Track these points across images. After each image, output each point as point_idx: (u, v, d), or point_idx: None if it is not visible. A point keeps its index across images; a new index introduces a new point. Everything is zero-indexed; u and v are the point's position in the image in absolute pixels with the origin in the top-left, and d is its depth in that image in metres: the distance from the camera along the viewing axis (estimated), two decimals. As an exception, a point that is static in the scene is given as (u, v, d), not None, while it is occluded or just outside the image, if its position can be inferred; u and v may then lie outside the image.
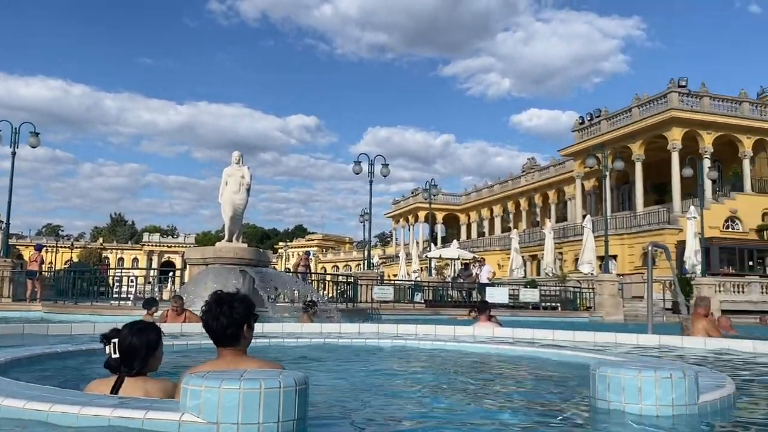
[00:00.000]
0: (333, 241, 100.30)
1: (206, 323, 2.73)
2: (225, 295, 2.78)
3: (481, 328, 8.00)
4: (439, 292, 23.17)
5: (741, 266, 29.43)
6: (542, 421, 2.96)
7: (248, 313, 2.75)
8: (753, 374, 5.06)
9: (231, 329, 2.68)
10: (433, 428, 2.78)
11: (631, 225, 34.02)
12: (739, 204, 32.95)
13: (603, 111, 38.50)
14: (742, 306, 24.96)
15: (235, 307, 2.70)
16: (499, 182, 58.85)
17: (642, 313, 19.05)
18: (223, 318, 2.67)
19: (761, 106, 35.18)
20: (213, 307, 2.71)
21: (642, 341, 7.01)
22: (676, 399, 2.69)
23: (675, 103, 32.85)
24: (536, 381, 4.46)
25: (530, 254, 41.94)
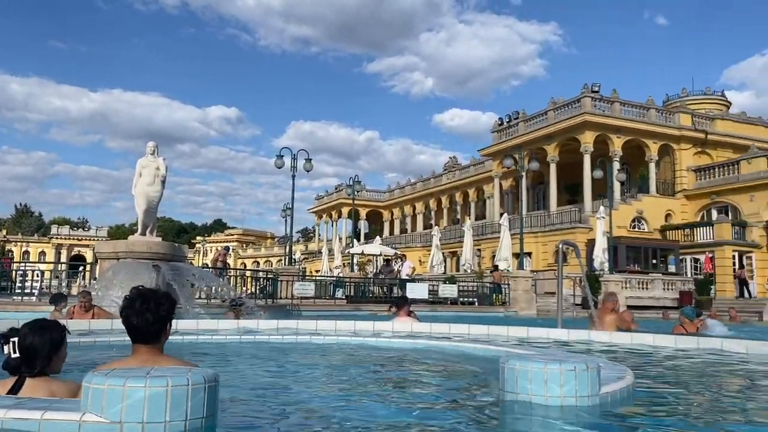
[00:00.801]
0: (254, 236, 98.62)
1: (128, 319, 2.63)
2: (149, 291, 2.70)
3: (400, 323, 8.07)
4: (360, 287, 23.26)
5: (645, 264, 31.14)
6: (452, 413, 3.03)
7: (172, 309, 2.70)
8: (652, 365, 5.38)
9: (156, 326, 2.62)
10: (343, 422, 2.78)
11: (546, 223, 35.32)
12: (645, 205, 34.87)
13: (521, 113, 39.75)
14: (646, 302, 26.46)
15: (162, 303, 2.65)
16: (422, 180, 59.66)
17: (554, 308, 19.81)
18: (149, 314, 2.60)
19: (666, 113, 37.35)
20: (137, 303, 2.62)
21: (552, 335, 7.29)
22: (579, 390, 2.81)
23: (588, 107, 34.35)
24: (449, 374, 4.55)
25: (450, 251, 42.77)
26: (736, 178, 33.71)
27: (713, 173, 35.49)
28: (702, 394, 4.00)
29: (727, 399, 3.82)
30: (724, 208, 34.34)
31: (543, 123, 37.47)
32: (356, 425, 2.74)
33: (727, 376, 4.88)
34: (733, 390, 4.21)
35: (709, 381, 4.66)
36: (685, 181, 36.19)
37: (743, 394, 4.05)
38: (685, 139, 36.38)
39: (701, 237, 32.60)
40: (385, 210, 65.00)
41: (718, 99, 44.10)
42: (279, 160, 25.33)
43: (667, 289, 28.27)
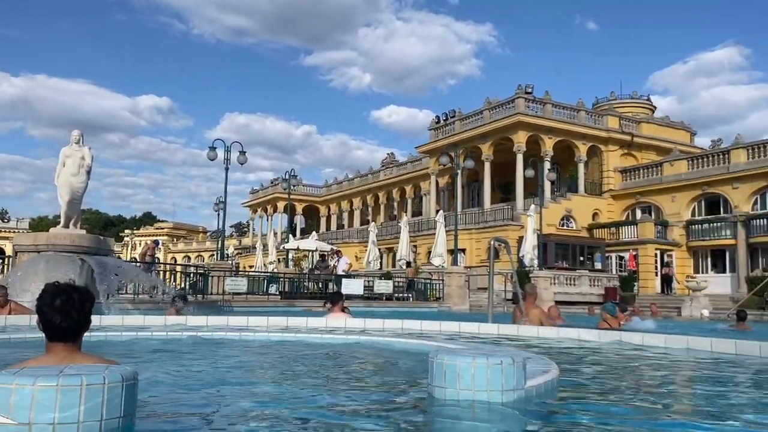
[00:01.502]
0: (185, 230, 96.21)
1: (48, 316, 2.48)
2: (70, 287, 2.57)
3: (334, 319, 8.04)
4: (295, 283, 23.05)
5: (573, 261, 32.23)
6: (380, 408, 3.02)
7: (92, 306, 2.60)
8: (576, 359, 5.55)
9: (80, 323, 2.52)
10: (270, 419, 2.73)
11: (479, 221, 36.01)
12: (574, 204, 36.08)
13: (457, 112, 40.35)
14: (573, 297, 27.38)
15: (86, 300, 2.55)
16: (360, 176, 59.70)
17: (486, 303, 20.26)
18: (73, 312, 2.48)
19: (595, 115, 38.72)
20: (58, 300, 2.48)
21: (483, 330, 7.42)
22: (505, 384, 2.86)
23: (521, 108, 35.21)
24: (380, 369, 4.56)
25: (387, 247, 42.99)
26: (659, 179, 35.32)
27: (638, 174, 37.07)
28: (623, 386, 4.15)
29: (647, 390, 3.98)
30: (648, 208, 35.94)
31: (478, 122, 38.16)
32: (284, 422, 2.69)
33: (646, 369, 5.09)
34: (652, 382, 4.40)
35: (629, 374, 4.85)
36: (612, 181, 37.65)
37: (661, 385, 4.23)
38: (613, 141, 37.83)
39: (626, 235, 34.01)
40: (321, 205, 64.69)
41: (644, 103, 46.07)
42: (212, 153, 24.76)
43: (593, 285, 29.34)
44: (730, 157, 32.13)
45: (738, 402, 3.49)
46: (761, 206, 30.84)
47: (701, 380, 4.70)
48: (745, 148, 31.69)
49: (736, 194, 31.17)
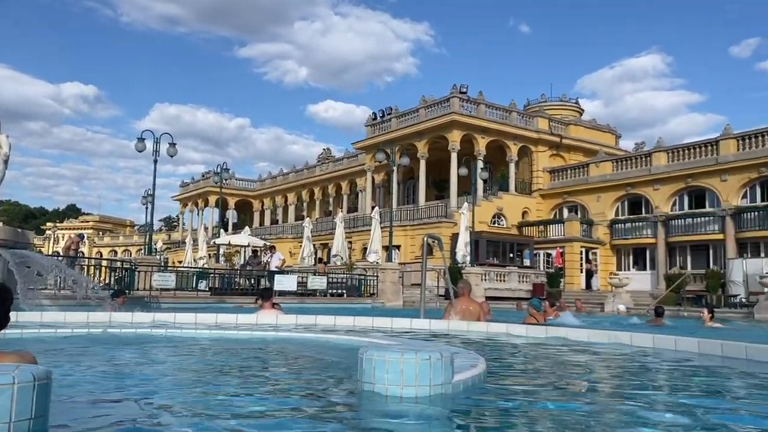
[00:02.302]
0: (111, 223, 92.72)
1: None
2: None
3: (265, 315, 7.94)
4: (226, 279, 22.60)
5: (504, 258, 33.03)
6: (308, 405, 3.00)
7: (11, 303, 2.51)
8: (504, 353, 5.69)
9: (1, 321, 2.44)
10: (194, 416, 2.66)
11: (414, 217, 36.37)
12: (505, 202, 36.97)
13: (393, 109, 40.58)
14: (503, 293, 28.07)
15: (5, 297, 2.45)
16: (295, 171, 59.14)
17: (419, 299, 20.49)
18: None
19: (527, 116, 39.77)
20: None
21: (415, 325, 7.50)
22: (433, 379, 2.89)
23: (456, 107, 35.76)
24: (310, 366, 4.52)
25: (322, 243, 42.78)
26: (586, 180, 36.64)
27: (566, 175, 38.33)
28: (548, 379, 4.27)
29: (570, 381, 4.12)
30: (575, 207, 37.23)
31: (414, 120, 38.50)
32: (208, 419, 2.63)
33: (571, 361, 5.26)
34: (575, 374, 4.55)
35: (554, 366, 5.00)
36: (541, 181, 38.78)
37: (584, 377, 4.38)
38: (543, 142, 38.97)
39: (553, 233, 35.12)
40: (255, 200, 63.72)
41: (573, 106, 47.64)
42: (140, 144, 23.95)
43: (521, 282, 30.16)
44: (651, 159, 33.66)
45: (653, 388, 3.66)
46: (680, 207, 32.49)
47: (623, 371, 4.91)
48: (665, 151, 33.28)
49: (657, 195, 32.71)
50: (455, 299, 9.19)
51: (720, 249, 29.91)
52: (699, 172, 30.92)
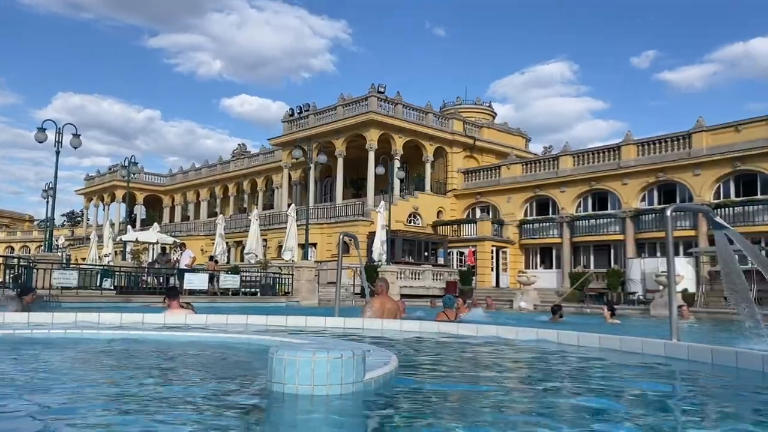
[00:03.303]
0: (8, 217, 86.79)
1: None
2: None
3: (173, 315, 7.65)
4: (133, 277, 21.68)
5: (419, 256, 33.56)
6: (216, 407, 2.90)
7: None
8: (417, 350, 5.75)
9: None
10: (90, 424, 2.51)
11: (331, 215, 36.28)
12: (421, 202, 37.55)
13: (311, 106, 40.28)
14: (418, 291, 28.51)
15: None
16: (208, 166, 57.55)
17: (335, 297, 20.45)
18: None
19: (442, 118, 40.55)
20: None
21: (329, 324, 7.45)
22: (344, 378, 2.86)
23: (374, 107, 35.96)
24: (218, 367, 4.39)
25: (235, 240, 41.89)
26: (497, 181, 37.81)
27: (479, 176, 39.40)
28: (459, 375, 4.35)
29: (480, 376, 4.21)
30: (487, 207, 38.33)
31: (332, 118, 38.40)
32: (106, 425, 2.48)
33: (481, 357, 5.38)
34: (486, 368, 4.65)
35: (465, 362, 5.10)
36: (456, 181, 39.67)
37: (494, 371, 4.49)
38: (457, 143, 39.87)
39: (466, 233, 36.02)
40: (165, 195, 61.52)
41: (486, 109, 49.03)
42: (41, 134, 22.52)
43: (436, 279, 30.74)
44: (558, 163, 35.17)
45: (549, 376, 3.81)
46: (584, 209, 34.12)
47: (528, 363, 5.07)
48: (571, 155, 34.86)
49: (563, 197, 34.20)
50: (372, 297, 9.21)
51: (621, 249, 31.64)
52: (602, 175, 32.58)
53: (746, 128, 27.95)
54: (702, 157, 28.79)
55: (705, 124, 29.38)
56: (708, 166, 28.69)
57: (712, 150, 28.65)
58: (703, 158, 28.75)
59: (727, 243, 5.80)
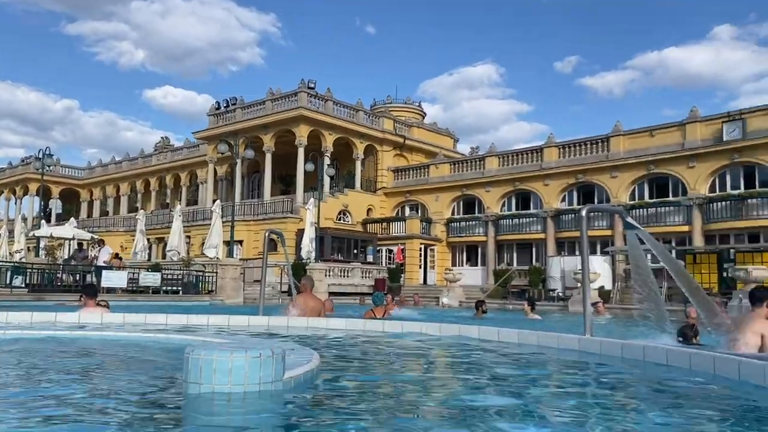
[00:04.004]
0: None
1: None
2: None
3: (88, 314, 7.33)
4: (46, 275, 20.61)
5: (348, 254, 33.57)
6: (128, 410, 2.79)
7: None
8: (342, 348, 5.74)
9: None
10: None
11: (258, 212, 35.73)
12: (350, 199, 37.55)
13: (239, 100, 39.50)
14: (346, 288, 28.52)
15: None
16: (129, 159, 55.45)
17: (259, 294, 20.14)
18: None
19: (373, 116, 40.69)
20: None
21: (253, 323, 7.33)
22: (263, 377, 2.82)
23: (304, 102, 35.66)
24: (133, 368, 4.24)
25: (157, 237, 40.61)
26: (426, 180, 38.31)
27: (408, 174, 39.80)
28: (381, 371, 4.37)
29: (402, 372, 4.24)
30: (416, 205, 38.77)
31: (261, 112, 37.80)
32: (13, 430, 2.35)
33: (404, 353, 5.43)
34: (408, 365, 4.70)
35: (390, 359, 5.13)
36: (385, 179, 39.92)
37: (416, 367, 4.54)
38: (387, 141, 40.12)
39: (396, 230, 36.32)
40: (83, 189, 58.86)
41: (416, 109, 49.54)
42: (-55, 122, 21.06)
43: (364, 277, 30.85)
44: (484, 163, 36.00)
45: (467, 368, 3.89)
46: (508, 208, 35.06)
47: (453, 359, 5.16)
48: (496, 156, 35.76)
49: (488, 196, 35.04)
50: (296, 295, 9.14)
51: (542, 247, 32.72)
52: (525, 176, 33.58)
53: (660, 133, 29.47)
54: (619, 160, 30.15)
55: (622, 129, 30.78)
56: (624, 168, 30.07)
57: (629, 153, 30.05)
58: (620, 161, 30.10)
59: (638, 242, 6.10)
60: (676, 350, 4.54)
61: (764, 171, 26.11)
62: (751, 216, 25.80)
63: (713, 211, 27.09)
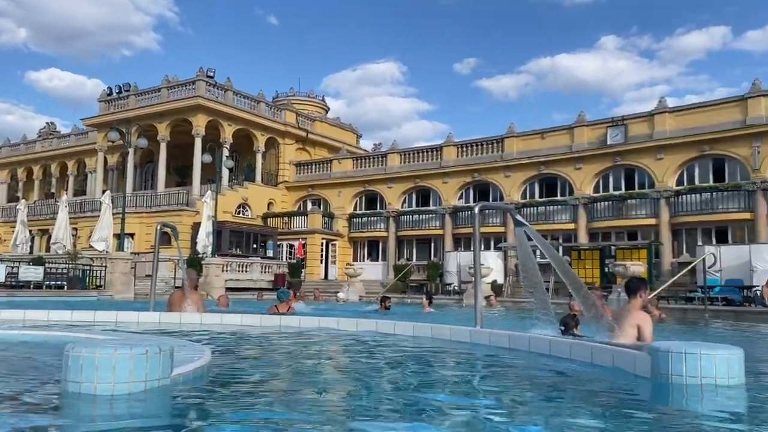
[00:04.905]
0: None
1: None
2: None
3: (-44, 311, 6.76)
4: None
5: (247, 248, 32.89)
6: (3, 412, 2.62)
7: None
8: (236, 344, 5.65)
9: None
10: None
11: (152, 204, 34.25)
12: (250, 193, 36.80)
13: (132, 86, 37.65)
14: (245, 284, 27.95)
15: None
16: (9, 145, 51.43)
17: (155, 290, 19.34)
18: None
19: (275, 108, 40.06)
20: None
21: (143, 319, 7.06)
22: (149, 374, 2.73)
23: (202, 91, 34.52)
24: (9, 368, 3.96)
25: (40, 228, 37.98)
26: (329, 175, 38.25)
27: (311, 169, 39.56)
28: (273, 367, 4.34)
29: (297, 367, 4.23)
30: (318, 200, 38.61)
31: (156, 100, 36.21)
32: None
33: (300, 348, 5.42)
34: (306, 361, 4.70)
35: (283, 354, 5.10)
36: (287, 173, 39.46)
37: (311, 361, 4.54)
38: (290, 135, 39.66)
39: (297, 225, 36.02)
40: (-45, 176, 53.94)
41: (319, 103, 49.29)
42: None
43: (264, 272, 30.37)
44: (387, 160, 36.44)
45: (360, 364, 3.96)
46: (409, 204, 35.69)
47: (351, 353, 5.21)
48: (398, 153, 36.30)
49: (390, 193, 35.51)
50: (176, 290, 8.89)
51: (440, 243, 33.58)
52: (425, 174, 34.33)
53: (550, 136, 31.04)
54: (512, 161, 31.47)
55: (516, 131, 32.15)
56: (517, 168, 31.43)
57: (521, 154, 31.44)
58: (513, 161, 31.43)
59: (525, 239, 6.43)
60: (558, 341, 4.83)
61: (643, 173, 28.15)
62: (630, 215, 27.77)
63: (597, 210, 28.89)
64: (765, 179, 24.24)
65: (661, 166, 27.11)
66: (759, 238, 23.49)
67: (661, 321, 12.38)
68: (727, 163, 25.81)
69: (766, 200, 24.22)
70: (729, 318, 16.02)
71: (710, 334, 11.51)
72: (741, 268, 21.01)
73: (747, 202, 24.71)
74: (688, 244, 26.42)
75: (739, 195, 24.92)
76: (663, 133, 27.07)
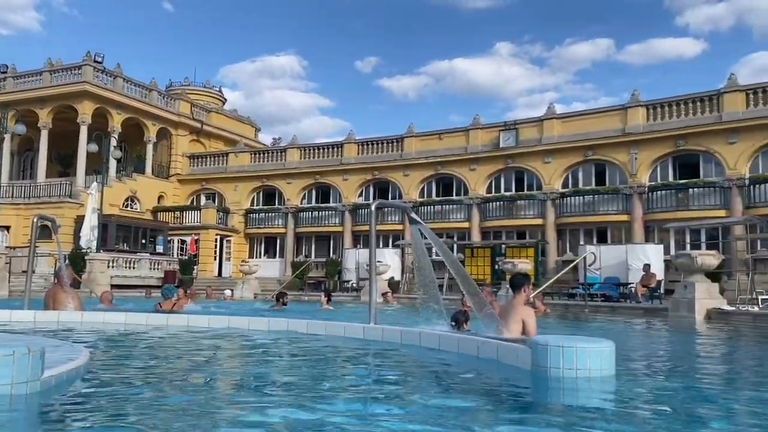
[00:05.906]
0: None
1: None
2: None
3: None
4: None
5: (135, 243, 31.36)
6: None
7: None
8: (119, 342, 5.38)
9: None
10: None
11: (31, 195, 31.90)
12: (140, 185, 35.11)
13: (10, 68, 34.84)
14: (132, 281, 26.67)
15: None
16: None
17: (33, 287, 18.03)
18: None
19: (168, 97, 38.43)
20: None
21: (15, 317, 6.59)
22: (16, 376, 2.55)
23: (89, 77, 32.52)
24: None
25: None
26: (225, 168, 37.23)
27: (205, 162, 38.32)
28: (156, 366, 4.18)
29: (179, 367, 4.09)
30: (213, 194, 37.48)
31: (37, 84, 33.73)
32: None
33: (186, 347, 5.25)
34: (198, 360, 4.54)
35: (169, 353, 4.92)
36: (180, 166, 38.00)
37: (197, 361, 4.41)
38: (183, 126, 38.20)
39: (190, 220, 34.80)
40: None
41: (216, 94, 47.84)
42: None
43: (153, 269, 29.13)
44: (286, 155, 35.99)
45: (251, 362, 3.90)
46: (308, 201, 35.45)
47: (240, 350, 5.10)
48: (298, 148, 35.96)
49: (289, 188, 35.11)
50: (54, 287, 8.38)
51: (339, 240, 33.62)
52: (326, 170, 34.23)
53: (447, 137, 31.91)
54: (411, 160, 32.05)
55: (415, 131, 32.77)
56: (415, 168, 32.06)
57: (420, 154, 32.09)
58: (412, 161, 32.03)
59: (420, 236, 6.57)
60: (447, 336, 4.97)
61: (532, 176, 29.55)
62: (519, 215, 29.09)
63: (489, 210, 30.03)
64: (641, 184, 26.16)
65: (549, 169, 28.59)
66: (634, 238, 25.31)
67: (546, 315, 13.07)
68: (608, 167, 27.61)
69: (642, 203, 26.15)
70: (606, 313, 17.17)
71: (589, 327, 12.28)
72: (618, 267, 22.55)
73: (624, 205, 26.57)
74: (571, 243, 28.04)
75: (618, 198, 26.76)
76: (551, 138, 28.56)
